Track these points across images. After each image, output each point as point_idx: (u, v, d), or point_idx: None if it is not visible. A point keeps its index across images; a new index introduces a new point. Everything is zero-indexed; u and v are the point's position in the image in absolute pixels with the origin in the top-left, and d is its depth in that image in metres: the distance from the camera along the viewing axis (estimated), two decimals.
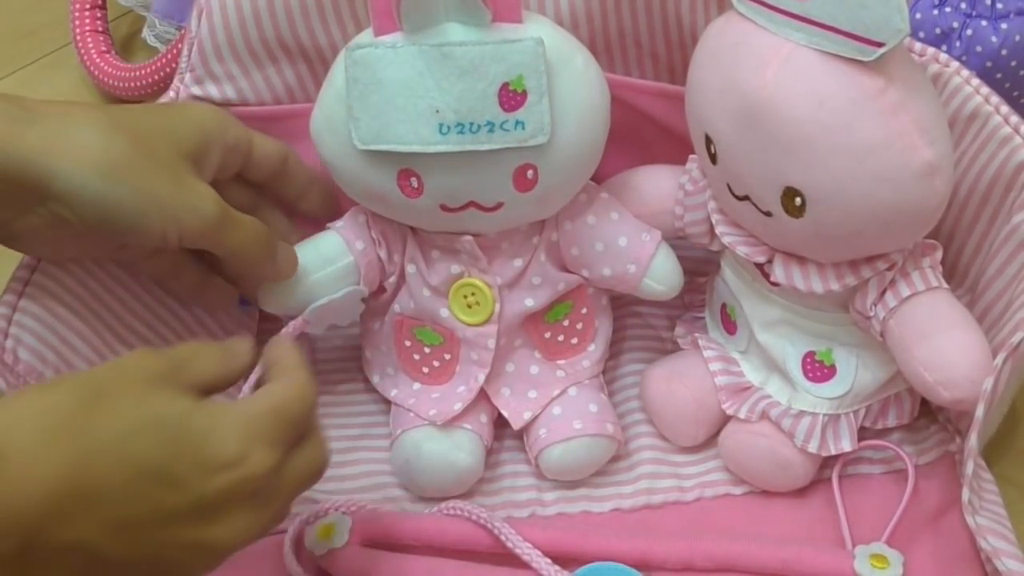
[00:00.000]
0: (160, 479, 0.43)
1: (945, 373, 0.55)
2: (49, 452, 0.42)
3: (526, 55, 0.54)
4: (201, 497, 0.44)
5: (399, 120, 0.55)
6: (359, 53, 0.55)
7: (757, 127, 0.53)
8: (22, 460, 0.41)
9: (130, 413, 0.44)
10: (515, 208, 0.58)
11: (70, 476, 0.42)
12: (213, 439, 0.44)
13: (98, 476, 0.42)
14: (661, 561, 0.59)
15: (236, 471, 0.45)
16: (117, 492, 0.43)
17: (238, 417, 0.46)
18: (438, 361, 0.64)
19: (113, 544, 0.43)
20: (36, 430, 0.42)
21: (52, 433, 0.42)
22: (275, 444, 0.46)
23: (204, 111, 0.60)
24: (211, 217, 0.55)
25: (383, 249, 0.62)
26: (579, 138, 0.57)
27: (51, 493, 0.41)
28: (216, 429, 0.45)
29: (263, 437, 0.46)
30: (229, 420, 0.45)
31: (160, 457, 0.43)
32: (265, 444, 0.46)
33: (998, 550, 0.55)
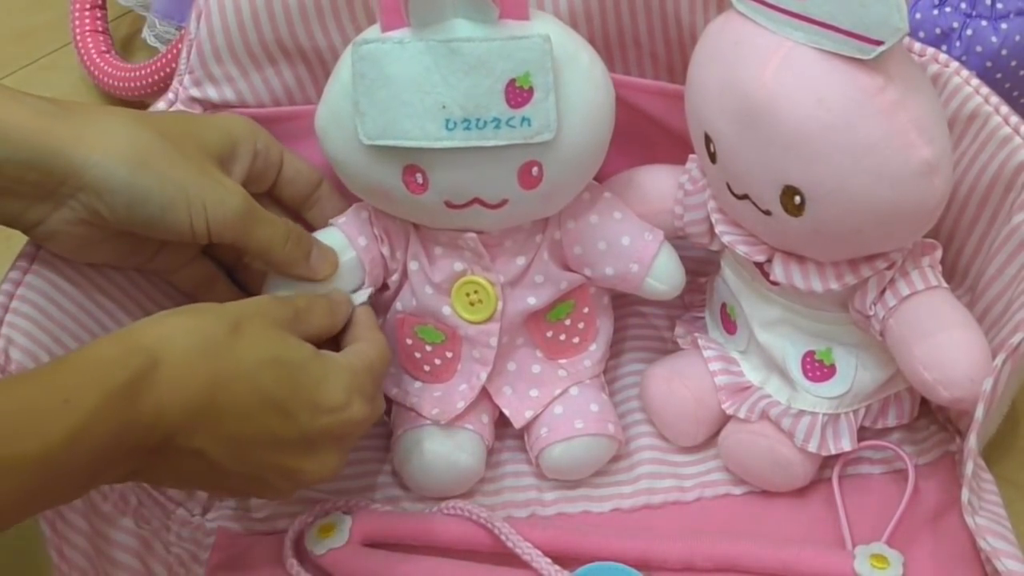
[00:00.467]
0: (278, 410, 0.50)
1: (945, 372, 0.55)
2: (195, 367, 0.48)
3: (533, 52, 0.54)
4: (307, 432, 0.51)
5: (405, 115, 0.55)
6: (366, 48, 0.55)
7: (756, 126, 0.53)
8: (174, 369, 0.47)
9: (264, 347, 0.50)
10: (520, 205, 0.58)
11: (208, 392, 0.48)
12: (325, 386, 0.52)
13: (230, 397, 0.48)
14: (661, 561, 0.59)
15: (339, 415, 0.52)
16: (242, 413, 0.49)
17: (345, 370, 0.53)
18: (440, 359, 0.64)
19: (226, 456, 0.49)
20: (188, 345, 0.48)
21: (200, 351, 0.48)
22: (369, 398, 0.54)
23: (234, 118, 0.62)
24: (238, 209, 0.56)
25: (386, 246, 0.62)
26: (584, 135, 0.57)
27: (191, 401, 0.47)
28: (328, 377, 0.52)
29: (362, 391, 0.53)
30: (338, 371, 0.53)
31: (282, 391, 0.50)
32: (363, 397, 0.53)
33: (998, 550, 0.55)
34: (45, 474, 0.43)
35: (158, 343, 0.47)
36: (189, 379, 0.47)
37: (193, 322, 0.49)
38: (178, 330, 0.48)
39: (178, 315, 0.50)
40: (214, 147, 0.58)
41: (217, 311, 0.51)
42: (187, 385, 0.47)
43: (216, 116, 0.63)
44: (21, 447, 0.42)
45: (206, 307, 0.51)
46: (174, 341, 0.48)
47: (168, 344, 0.47)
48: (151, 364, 0.46)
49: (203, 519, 0.63)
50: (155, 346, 0.47)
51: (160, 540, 0.60)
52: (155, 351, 0.47)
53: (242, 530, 0.63)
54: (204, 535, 0.62)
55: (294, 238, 0.59)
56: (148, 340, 0.47)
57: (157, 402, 0.46)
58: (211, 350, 0.48)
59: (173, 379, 0.47)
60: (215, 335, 0.49)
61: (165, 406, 0.46)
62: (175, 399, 0.47)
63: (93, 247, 0.56)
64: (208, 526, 0.63)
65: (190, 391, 0.47)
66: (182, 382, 0.47)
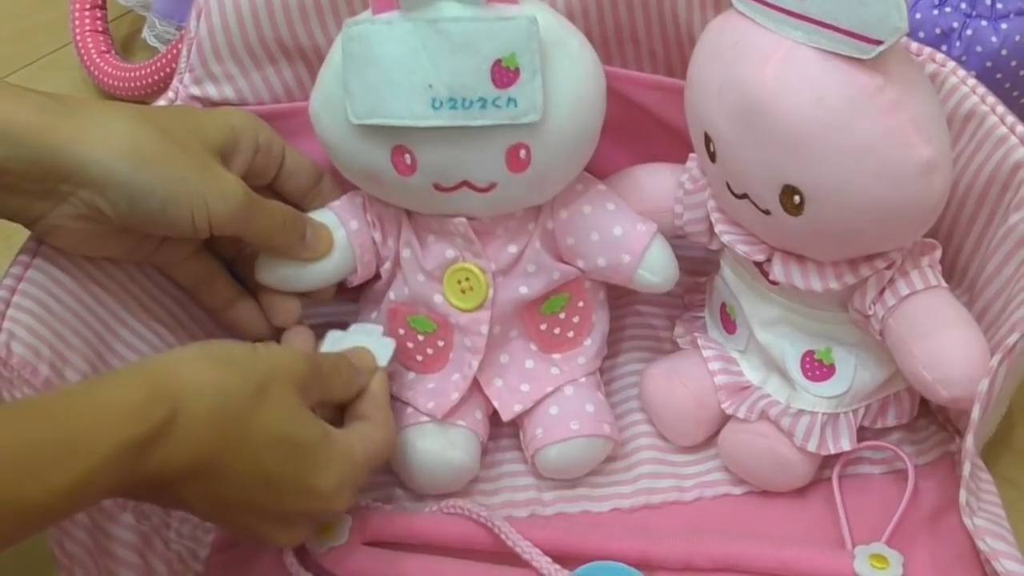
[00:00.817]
0: (270, 486, 0.50)
1: (944, 371, 0.55)
2: (211, 429, 0.47)
3: (519, 33, 0.54)
4: (289, 511, 0.52)
5: (393, 95, 0.55)
6: (356, 29, 0.55)
7: (756, 125, 0.53)
8: (191, 427, 0.47)
9: (279, 422, 0.50)
10: (509, 190, 0.59)
11: (214, 455, 0.48)
12: (323, 473, 0.52)
13: (232, 464, 0.49)
14: (661, 561, 0.59)
15: (324, 504, 0.53)
16: (236, 482, 0.49)
17: (347, 461, 0.53)
18: (432, 349, 0.64)
19: (207, 509, 0.51)
20: (212, 405, 0.48)
21: (221, 414, 0.48)
22: (357, 489, 0.55)
23: (235, 112, 0.62)
24: (238, 202, 0.56)
25: (378, 232, 0.62)
26: (572, 120, 0.57)
27: (195, 460, 0.47)
28: (329, 466, 0.52)
29: (354, 483, 0.54)
30: (340, 461, 0.53)
31: (281, 471, 0.50)
32: (352, 490, 0.54)
33: (996, 551, 0.55)
34: (41, 519, 0.44)
35: (184, 394, 0.47)
36: (202, 440, 0.47)
37: (224, 378, 0.49)
38: (207, 385, 0.48)
39: (212, 364, 0.49)
40: (215, 141, 0.58)
41: (248, 367, 0.50)
42: (198, 445, 0.47)
43: (217, 110, 0.63)
44: (21, 492, 0.42)
45: (239, 356, 0.51)
46: (200, 397, 0.47)
47: (193, 399, 0.47)
48: (171, 418, 0.46)
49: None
50: (180, 397, 0.47)
51: (160, 537, 0.60)
52: (178, 403, 0.46)
53: None
54: (204, 532, 0.62)
55: (290, 223, 0.60)
56: (175, 387, 0.47)
57: (165, 457, 0.46)
58: (231, 414, 0.48)
59: (187, 437, 0.47)
60: (240, 399, 0.49)
61: (171, 460, 0.46)
62: (182, 455, 0.47)
63: (95, 242, 0.57)
64: (208, 524, 0.63)
65: (199, 451, 0.47)
66: (194, 442, 0.47)
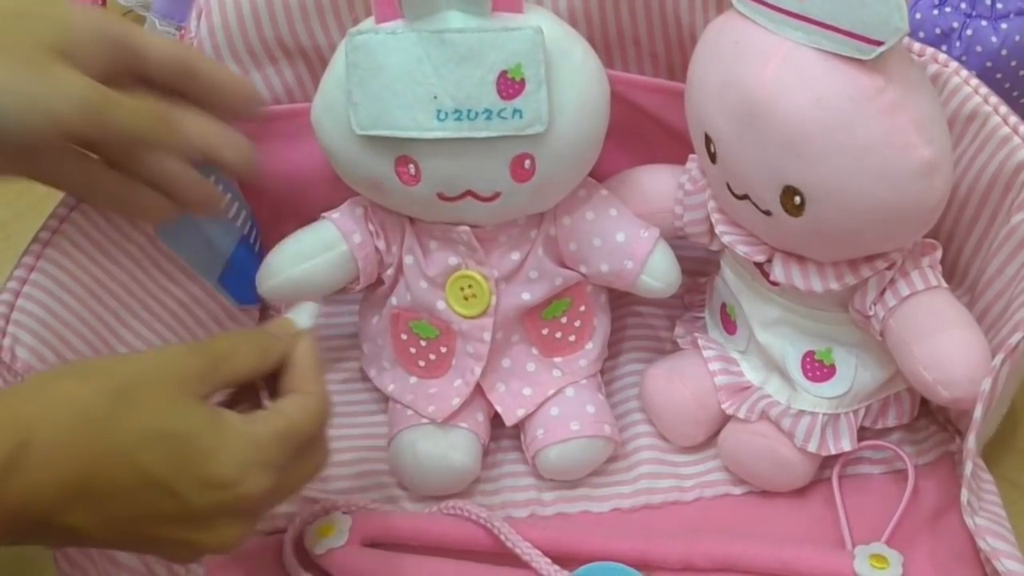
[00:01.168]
0: (161, 488, 0.45)
1: (944, 372, 0.55)
2: (68, 446, 0.44)
3: (525, 43, 0.54)
4: (196, 509, 0.46)
5: (397, 106, 0.55)
6: (360, 39, 0.55)
7: (756, 126, 0.53)
8: (45, 449, 0.43)
9: (149, 419, 0.46)
10: (512, 198, 0.58)
11: (82, 472, 0.44)
12: (216, 459, 0.46)
13: (106, 476, 0.44)
14: (661, 561, 0.59)
15: (231, 491, 0.47)
16: (119, 494, 0.45)
17: (245, 441, 0.47)
18: (434, 354, 0.64)
19: (107, 534, 0.46)
20: (62, 419, 0.44)
21: (74, 427, 0.44)
22: (274, 468, 0.48)
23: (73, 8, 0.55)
24: (86, 100, 0.52)
25: (381, 240, 0.62)
26: (577, 129, 0.57)
27: (63, 482, 0.43)
28: (221, 450, 0.47)
29: (263, 462, 0.48)
30: (235, 443, 0.47)
31: (165, 469, 0.45)
32: (263, 468, 0.48)
33: (997, 551, 0.55)
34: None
35: (32, 417, 0.44)
36: (61, 460, 0.44)
37: (74, 390, 0.45)
38: (56, 401, 0.45)
39: (61, 380, 0.46)
40: (50, 37, 0.52)
41: (105, 375, 0.47)
42: (59, 465, 0.44)
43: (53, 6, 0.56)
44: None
45: (97, 368, 0.48)
46: (50, 415, 0.44)
47: (43, 419, 0.44)
48: (21, 445, 0.43)
49: None
50: (28, 421, 0.44)
51: None
52: (27, 428, 0.43)
53: None
54: None
55: (159, 116, 0.55)
56: (22, 413, 0.44)
57: (27, 485, 0.43)
58: (87, 426, 0.44)
59: (44, 460, 0.43)
60: (94, 407, 0.45)
61: (36, 488, 0.43)
62: (47, 481, 0.43)
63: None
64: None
65: (62, 472, 0.44)
66: (54, 463, 0.43)
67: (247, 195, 0.70)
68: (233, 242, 0.68)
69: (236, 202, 0.68)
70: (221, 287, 0.68)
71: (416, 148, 0.56)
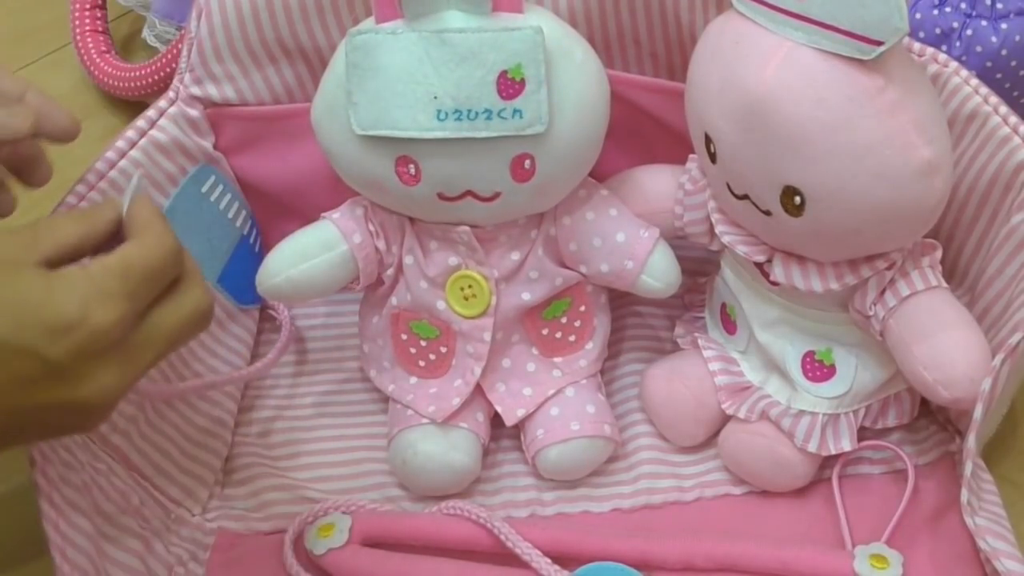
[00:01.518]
0: (10, 350, 0.44)
1: (944, 372, 0.55)
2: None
3: (525, 43, 0.54)
4: (53, 360, 0.45)
5: (397, 106, 0.55)
6: (360, 38, 0.55)
7: (756, 126, 0.53)
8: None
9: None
10: (512, 199, 0.58)
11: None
12: (52, 303, 0.45)
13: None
14: (661, 561, 0.59)
15: (80, 330, 0.45)
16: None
17: (78, 278, 0.46)
18: (434, 354, 0.64)
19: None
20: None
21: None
22: (121, 297, 0.46)
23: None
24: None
25: (381, 240, 0.62)
26: (577, 129, 0.57)
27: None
28: (54, 293, 0.45)
29: (105, 292, 0.46)
30: (68, 283, 0.46)
31: (6, 332, 0.44)
32: (106, 298, 0.46)
33: (997, 551, 0.55)
34: None
35: None
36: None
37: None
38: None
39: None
40: None
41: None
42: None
43: None
44: None
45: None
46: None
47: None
48: None
49: (203, 519, 0.63)
50: None
51: (161, 540, 0.60)
52: None
53: (242, 530, 0.63)
54: (204, 535, 0.62)
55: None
56: None
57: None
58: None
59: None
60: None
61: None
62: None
63: None
64: (208, 526, 0.63)
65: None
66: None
67: (247, 195, 0.70)
68: (233, 242, 0.68)
69: (235, 202, 0.69)
70: (221, 287, 0.68)
71: (416, 148, 0.56)
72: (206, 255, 0.66)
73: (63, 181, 0.61)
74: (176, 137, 0.64)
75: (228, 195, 0.68)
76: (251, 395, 0.70)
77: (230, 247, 0.68)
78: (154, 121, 0.63)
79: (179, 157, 0.65)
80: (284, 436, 0.68)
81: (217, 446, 0.65)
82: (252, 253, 0.70)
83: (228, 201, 0.67)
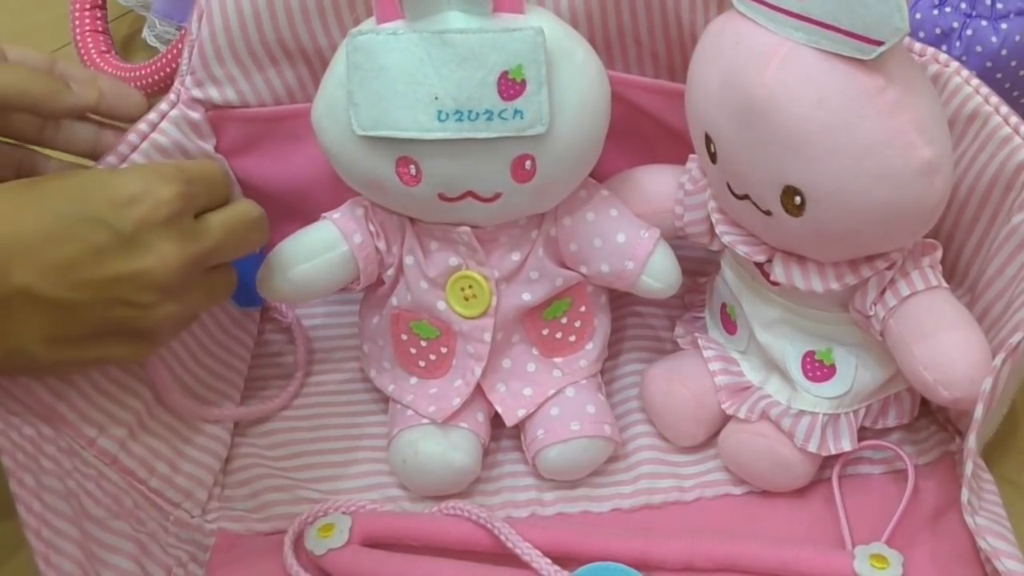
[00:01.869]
0: (79, 220, 0.50)
1: (945, 372, 0.55)
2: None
3: (526, 44, 0.54)
4: (120, 229, 0.50)
5: (398, 106, 0.55)
6: (361, 39, 0.55)
7: (757, 126, 0.53)
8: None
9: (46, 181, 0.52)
10: (513, 199, 0.58)
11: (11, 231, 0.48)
12: (117, 181, 0.51)
13: (24, 226, 0.49)
14: (661, 561, 0.59)
15: (144, 201, 0.51)
16: (44, 237, 0.49)
17: (141, 166, 0.55)
18: (434, 355, 0.64)
19: (56, 288, 0.49)
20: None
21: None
22: (180, 181, 0.53)
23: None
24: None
25: (382, 240, 0.62)
26: (578, 130, 0.57)
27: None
28: (119, 174, 0.53)
29: (164, 176, 0.52)
30: (131, 169, 0.54)
31: (74, 204, 0.50)
32: (167, 180, 0.52)
33: (997, 550, 0.55)
34: None
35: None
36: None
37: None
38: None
39: None
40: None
41: None
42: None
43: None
44: None
45: None
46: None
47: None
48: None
49: (203, 520, 0.63)
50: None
51: (158, 542, 0.59)
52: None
53: (242, 530, 0.63)
54: (204, 536, 0.62)
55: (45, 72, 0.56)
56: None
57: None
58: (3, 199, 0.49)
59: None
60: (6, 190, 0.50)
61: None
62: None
63: None
64: (208, 527, 0.63)
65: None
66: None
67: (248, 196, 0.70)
68: None
69: None
70: None
71: (417, 149, 0.56)
72: None
73: None
74: (178, 140, 0.64)
75: None
76: (251, 396, 0.70)
77: None
78: (155, 124, 0.63)
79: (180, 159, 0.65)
80: (284, 436, 0.68)
81: (216, 447, 0.65)
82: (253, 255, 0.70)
83: None
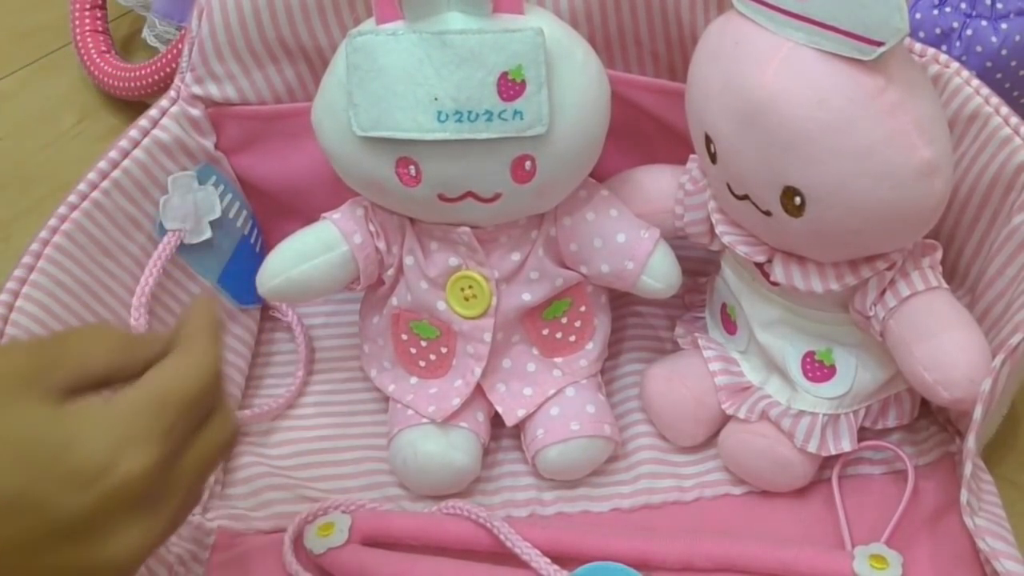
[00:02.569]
0: (22, 505, 0.38)
1: (945, 373, 0.55)
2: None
3: (525, 45, 0.54)
4: (72, 515, 0.38)
5: (398, 107, 0.55)
6: (360, 40, 0.55)
7: (757, 126, 0.53)
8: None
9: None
10: (513, 200, 0.58)
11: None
12: (76, 449, 0.38)
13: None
14: (661, 561, 0.59)
15: (108, 479, 0.38)
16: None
17: (107, 417, 0.39)
18: (435, 355, 0.64)
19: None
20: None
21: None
22: (157, 439, 0.40)
23: None
24: None
25: (381, 240, 0.62)
26: (578, 130, 0.57)
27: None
28: (79, 436, 0.38)
29: (139, 435, 0.39)
30: (95, 422, 0.39)
31: (17, 481, 0.38)
32: (142, 442, 0.39)
33: (997, 551, 0.55)
34: None
35: None
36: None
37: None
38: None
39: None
40: None
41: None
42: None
43: None
44: None
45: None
46: None
47: None
48: None
49: (203, 518, 0.63)
50: None
51: None
52: None
53: (242, 529, 0.63)
54: (204, 535, 0.62)
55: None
56: None
57: None
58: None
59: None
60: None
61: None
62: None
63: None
64: (208, 525, 0.63)
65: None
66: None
67: (247, 195, 0.70)
68: (233, 242, 0.68)
69: (236, 202, 0.69)
70: (221, 287, 0.68)
71: (417, 149, 0.56)
72: (206, 255, 0.66)
73: (63, 182, 0.61)
74: (178, 136, 0.64)
75: (229, 195, 0.68)
76: (251, 395, 0.70)
77: (231, 247, 0.68)
78: (157, 120, 0.63)
79: (181, 157, 0.65)
80: (284, 435, 0.68)
81: None
82: (253, 253, 0.70)
83: (229, 201, 0.68)
